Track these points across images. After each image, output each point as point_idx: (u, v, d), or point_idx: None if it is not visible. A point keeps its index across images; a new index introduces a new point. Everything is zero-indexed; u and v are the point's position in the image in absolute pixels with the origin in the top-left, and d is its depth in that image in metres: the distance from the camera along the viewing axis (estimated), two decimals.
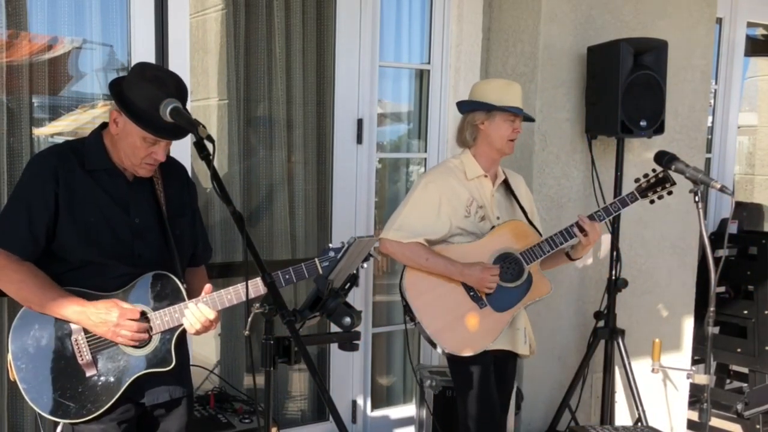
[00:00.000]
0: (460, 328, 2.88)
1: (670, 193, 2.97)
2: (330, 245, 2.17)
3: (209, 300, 2.18)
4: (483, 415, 2.93)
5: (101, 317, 2.09)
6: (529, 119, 2.99)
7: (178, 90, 2.10)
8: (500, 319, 2.90)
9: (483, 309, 2.89)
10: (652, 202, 3.00)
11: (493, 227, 2.93)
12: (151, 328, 2.16)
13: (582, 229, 2.87)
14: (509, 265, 2.91)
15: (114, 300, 2.13)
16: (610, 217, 3.01)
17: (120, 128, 2.13)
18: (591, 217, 2.91)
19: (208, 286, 2.20)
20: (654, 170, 2.98)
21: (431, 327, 2.89)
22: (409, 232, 2.89)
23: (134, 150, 2.13)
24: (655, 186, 2.95)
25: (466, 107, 3.00)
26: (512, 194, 3.05)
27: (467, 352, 2.87)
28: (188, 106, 2.21)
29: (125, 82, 2.14)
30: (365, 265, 2.17)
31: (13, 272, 2.10)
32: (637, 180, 3.00)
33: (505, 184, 3.05)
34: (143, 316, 2.15)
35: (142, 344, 2.17)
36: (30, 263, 2.13)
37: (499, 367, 3.00)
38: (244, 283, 2.02)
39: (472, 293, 2.89)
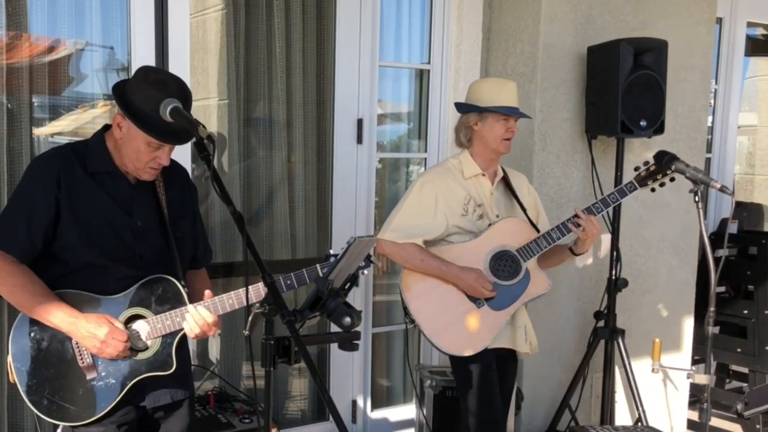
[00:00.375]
0: (457, 329, 2.89)
1: (672, 179, 2.93)
2: (331, 251, 2.18)
3: (210, 304, 2.18)
4: (484, 413, 2.93)
5: (90, 331, 2.08)
6: (523, 116, 2.98)
7: (181, 94, 2.09)
8: (498, 317, 2.90)
9: (481, 308, 2.89)
10: (653, 190, 2.96)
11: (490, 225, 2.93)
12: (134, 351, 2.16)
13: (578, 224, 2.86)
14: (506, 262, 2.90)
15: (106, 316, 2.13)
16: (609, 209, 2.97)
17: (124, 133, 2.13)
18: (589, 210, 2.90)
19: (208, 292, 2.20)
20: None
21: (429, 328, 2.90)
22: (404, 232, 2.89)
23: (138, 155, 2.13)
24: (655, 173, 2.92)
25: (461, 109, 3.01)
26: (512, 192, 3.05)
27: (466, 353, 2.87)
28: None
29: (129, 85, 2.13)
30: (365, 272, 2.17)
31: (9, 275, 2.10)
32: (636, 168, 2.96)
33: (505, 181, 3.05)
34: (130, 337, 2.15)
35: (141, 348, 2.17)
36: (25, 267, 2.12)
37: (501, 365, 3.00)
38: (245, 287, 2.02)
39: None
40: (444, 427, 3.48)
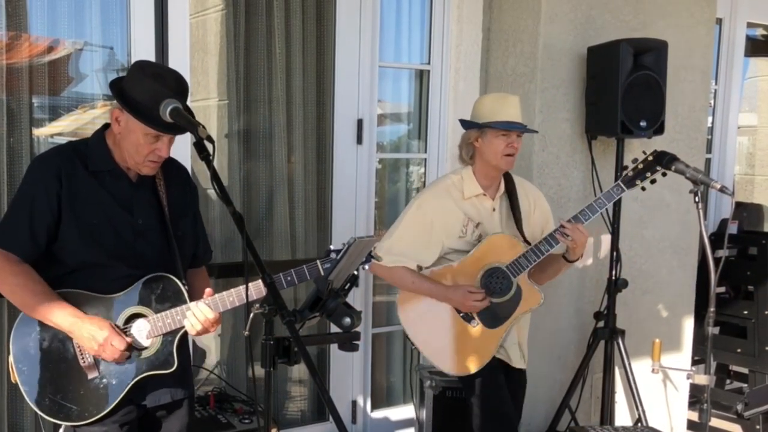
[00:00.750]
0: (453, 349, 2.90)
1: (664, 174, 2.90)
2: (332, 247, 2.17)
3: (211, 302, 2.18)
4: (496, 415, 2.93)
5: (91, 333, 2.08)
6: (527, 131, 2.93)
7: (178, 86, 2.10)
8: (493, 334, 2.89)
9: (475, 327, 2.89)
10: (643, 189, 2.94)
11: (479, 242, 2.90)
12: (129, 356, 2.16)
13: (566, 235, 2.82)
14: (498, 279, 2.87)
15: (109, 322, 2.13)
16: (596, 215, 2.92)
17: (122, 126, 2.13)
18: (576, 218, 2.86)
19: (208, 290, 2.20)
20: (644, 152, 2.92)
21: (426, 350, 2.93)
22: (397, 255, 2.89)
23: (137, 147, 2.13)
24: (644, 171, 2.89)
25: (463, 125, 2.97)
26: (511, 206, 2.99)
27: (464, 372, 2.89)
28: (188, 104, 2.21)
29: (125, 80, 2.14)
30: (367, 266, 2.17)
31: (10, 274, 2.10)
32: (624, 167, 2.94)
33: (508, 194, 3.00)
34: (129, 347, 2.14)
35: (142, 348, 2.17)
36: (28, 266, 2.12)
37: (508, 373, 3.00)
38: (245, 285, 2.02)
39: (462, 313, 2.89)
40: (444, 427, 3.47)
